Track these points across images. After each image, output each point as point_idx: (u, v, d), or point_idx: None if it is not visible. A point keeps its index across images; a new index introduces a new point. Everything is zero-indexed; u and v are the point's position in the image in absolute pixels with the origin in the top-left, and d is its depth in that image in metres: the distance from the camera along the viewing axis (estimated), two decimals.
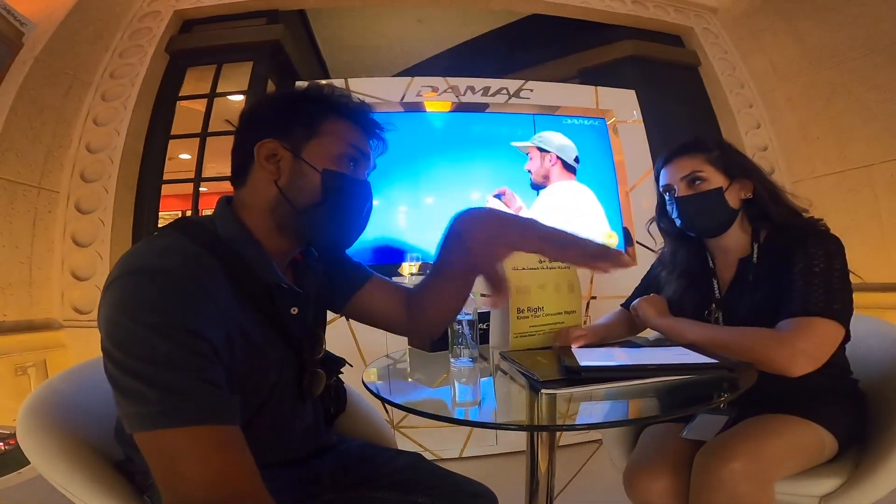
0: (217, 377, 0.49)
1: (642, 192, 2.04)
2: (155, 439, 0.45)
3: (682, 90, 3.18)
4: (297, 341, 0.64)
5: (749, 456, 0.72)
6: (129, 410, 0.45)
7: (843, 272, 0.80)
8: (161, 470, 0.45)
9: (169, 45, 2.73)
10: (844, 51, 2.84)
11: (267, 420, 0.60)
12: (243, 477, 0.46)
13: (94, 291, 2.30)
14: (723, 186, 0.88)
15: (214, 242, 0.56)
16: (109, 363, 0.47)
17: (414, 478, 0.77)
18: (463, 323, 0.87)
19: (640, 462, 0.89)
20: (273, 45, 2.82)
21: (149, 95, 2.67)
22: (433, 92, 1.96)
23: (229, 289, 0.54)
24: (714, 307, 0.94)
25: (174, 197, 3.20)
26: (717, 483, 0.71)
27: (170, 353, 0.46)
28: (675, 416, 0.69)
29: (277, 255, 0.63)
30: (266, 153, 0.60)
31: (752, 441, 0.76)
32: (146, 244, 0.54)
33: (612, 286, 1.82)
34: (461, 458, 1.80)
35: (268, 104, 0.64)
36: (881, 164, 2.76)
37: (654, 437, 0.94)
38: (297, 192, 0.60)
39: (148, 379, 0.45)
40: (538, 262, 0.99)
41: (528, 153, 1.96)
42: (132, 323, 0.46)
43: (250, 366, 0.56)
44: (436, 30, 3.72)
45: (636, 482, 0.86)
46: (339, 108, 0.64)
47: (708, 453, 0.77)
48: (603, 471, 1.60)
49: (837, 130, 2.91)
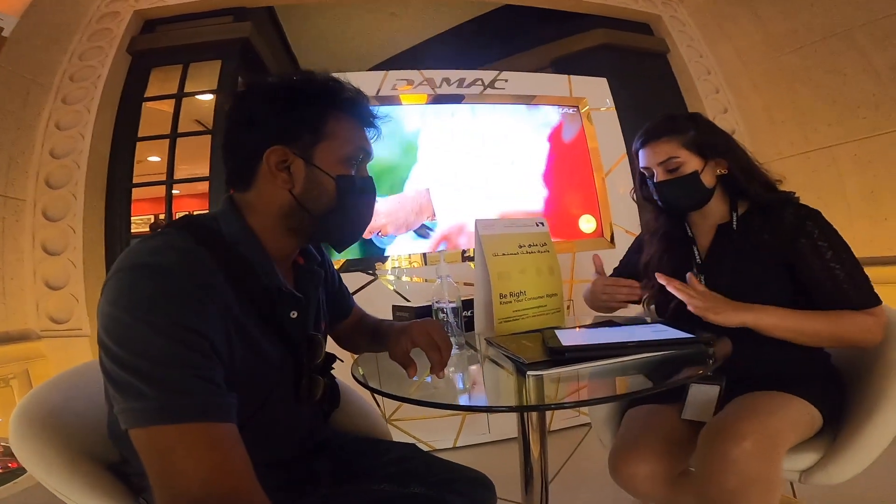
0: (215, 375, 0.48)
1: (617, 176, 2.09)
2: (150, 436, 0.45)
3: (652, 77, 3.25)
4: (296, 345, 0.64)
5: (758, 434, 0.73)
6: (125, 406, 0.45)
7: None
8: (155, 467, 0.45)
9: (130, 45, 2.66)
10: (804, 36, 2.94)
11: (264, 421, 0.60)
12: (238, 474, 0.46)
13: (69, 300, 2.24)
14: (698, 170, 0.93)
15: (218, 242, 0.56)
16: (106, 358, 0.47)
17: (409, 469, 0.78)
18: (447, 311, 0.88)
19: (625, 446, 0.89)
20: (242, 43, 2.76)
21: (112, 97, 2.59)
22: (408, 85, 1.96)
23: (230, 289, 0.54)
24: (696, 271, 0.98)
25: (146, 201, 3.11)
26: (730, 462, 0.71)
27: (167, 349, 0.45)
28: (663, 388, 0.70)
29: (280, 259, 0.64)
30: (276, 161, 0.59)
31: (757, 419, 0.76)
32: (148, 241, 0.54)
33: (590, 271, 1.88)
34: (455, 447, 1.82)
35: (267, 104, 0.61)
36: (843, 145, 2.88)
37: (637, 420, 0.95)
38: (314, 201, 0.61)
39: (144, 375, 0.45)
40: (517, 248, 1.01)
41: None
42: (130, 318, 0.46)
43: (249, 366, 0.56)
44: (409, 23, 3.70)
45: (621, 466, 0.87)
46: (341, 105, 0.63)
47: (712, 434, 0.77)
48: (596, 453, 1.64)
49: (800, 113, 3.02)
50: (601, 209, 2.05)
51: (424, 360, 0.71)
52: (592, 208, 2.06)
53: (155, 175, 2.86)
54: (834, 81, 2.88)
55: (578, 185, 2.07)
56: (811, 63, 2.94)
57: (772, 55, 3.10)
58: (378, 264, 1.84)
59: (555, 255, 1.06)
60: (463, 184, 1.94)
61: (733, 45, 3.26)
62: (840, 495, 1.19)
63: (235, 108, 0.63)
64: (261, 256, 0.59)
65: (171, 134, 2.77)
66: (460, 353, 0.90)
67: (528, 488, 0.85)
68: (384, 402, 1.72)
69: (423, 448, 1.76)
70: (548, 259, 1.05)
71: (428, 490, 0.75)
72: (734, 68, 3.28)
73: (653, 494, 0.87)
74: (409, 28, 3.75)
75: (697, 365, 0.72)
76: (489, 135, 1.99)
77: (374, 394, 0.73)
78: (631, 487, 0.88)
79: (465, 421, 1.83)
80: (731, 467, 0.71)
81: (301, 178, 0.60)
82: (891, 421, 0.83)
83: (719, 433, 0.76)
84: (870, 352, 0.89)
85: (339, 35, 3.73)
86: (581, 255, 1.96)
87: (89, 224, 2.38)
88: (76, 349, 2.23)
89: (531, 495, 0.85)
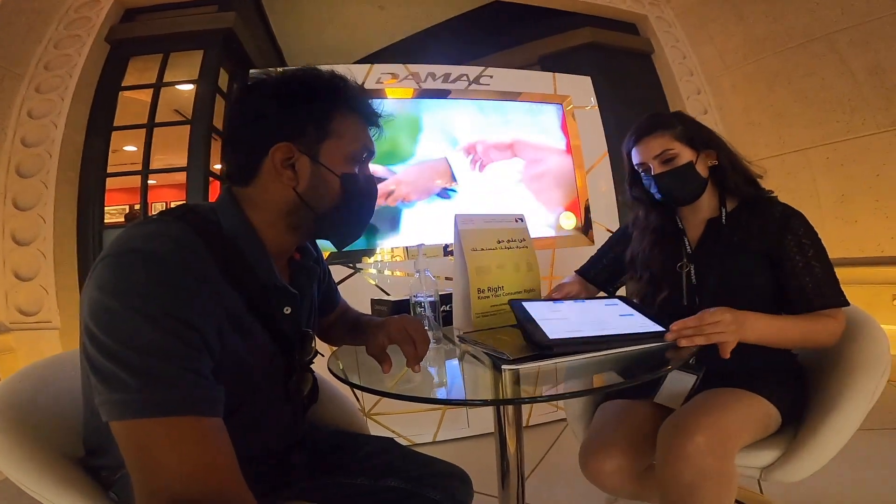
0: (203, 368, 0.47)
1: (598, 174, 2.11)
2: (132, 428, 0.43)
3: (636, 77, 3.29)
4: (288, 341, 0.64)
5: (710, 429, 0.75)
6: (107, 398, 0.44)
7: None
8: (137, 461, 0.43)
9: (109, 34, 2.61)
10: (785, 39, 3.00)
11: (248, 415, 0.59)
12: (223, 470, 0.45)
13: (38, 292, 2.18)
14: (692, 160, 0.95)
15: (216, 234, 0.56)
16: (90, 346, 0.45)
17: (386, 462, 0.78)
18: (425, 304, 0.88)
19: (593, 442, 0.91)
20: (226, 33, 2.72)
21: (88, 86, 2.54)
22: (394, 79, 1.94)
23: (224, 282, 0.53)
24: (685, 261, 1.00)
25: (120, 191, 3.03)
26: (684, 457, 0.73)
27: (155, 339, 0.44)
28: (634, 383, 0.71)
29: (277, 254, 0.63)
30: (282, 157, 0.59)
31: (712, 415, 0.78)
32: (141, 226, 0.52)
33: (569, 267, 1.92)
34: (434, 442, 1.83)
35: (273, 99, 0.60)
36: (817, 148, 2.96)
37: (607, 416, 0.97)
38: (318, 199, 0.61)
39: (130, 365, 0.43)
40: (496, 243, 1.01)
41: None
42: (119, 305, 0.44)
43: (239, 360, 0.55)
44: (397, 17, 3.67)
45: (590, 462, 0.88)
46: (347, 102, 0.63)
47: (670, 429, 0.79)
48: (574, 448, 1.65)
49: (777, 116, 3.10)
50: (582, 205, 2.07)
51: (402, 355, 0.71)
52: (573, 205, 2.08)
53: (130, 165, 2.80)
54: (811, 84, 2.95)
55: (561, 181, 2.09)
56: (790, 66, 3.01)
57: (753, 57, 3.16)
58: (364, 258, 1.83)
59: (533, 251, 1.07)
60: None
61: (716, 46, 3.32)
62: (809, 489, 1.23)
63: (241, 102, 0.62)
64: (258, 251, 0.59)
65: (149, 123, 2.71)
66: (437, 347, 0.90)
67: (505, 483, 0.85)
68: (363, 397, 1.72)
69: (403, 442, 1.77)
70: (526, 255, 1.05)
71: (405, 484, 0.75)
72: (716, 70, 3.33)
73: (620, 489, 0.89)
74: (396, 22, 3.72)
75: (678, 356, 0.74)
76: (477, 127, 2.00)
77: (353, 388, 0.73)
78: (599, 482, 0.89)
79: (445, 416, 1.83)
80: (686, 461, 0.73)
81: (306, 175, 0.60)
82: (849, 420, 0.85)
83: (675, 428, 0.78)
84: (831, 352, 0.92)
85: (325, 27, 3.69)
86: (560, 251, 1.98)
87: (61, 214, 2.33)
88: (46, 342, 2.18)
89: (507, 490, 0.85)
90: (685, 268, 0.99)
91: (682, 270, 0.99)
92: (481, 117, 2.02)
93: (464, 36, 3.64)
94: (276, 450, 0.70)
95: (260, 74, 0.62)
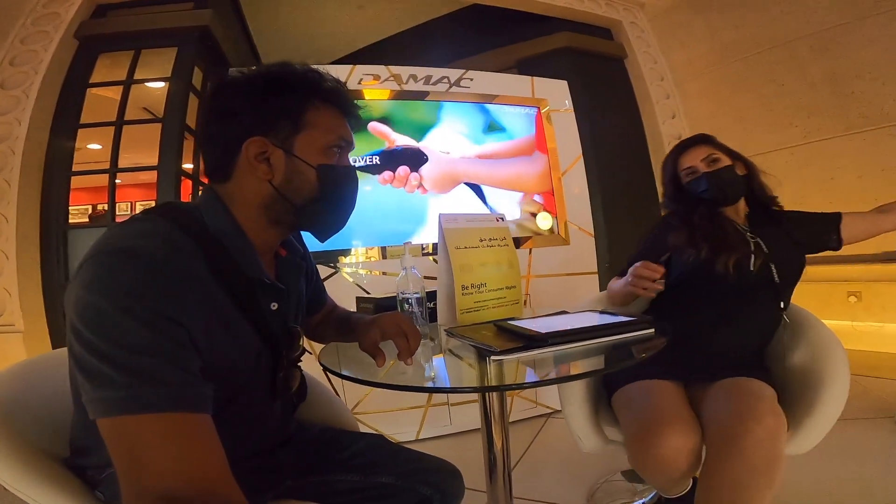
0: (191, 365, 0.47)
1: (572, 177, 2.17)
2: (120, 425, 0.43)
3: (610, 81, 3.38)
4: (275, 337, 0.64)
5: (772, 414, 0.80)
6: (94, 395, 0.43)
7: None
8: (124, 458, 0.43)
9: (79, 30, 2.53)
10: (749, 46, 3.14)
11: (236, 413, 0.59)
12: (212, 467, 0.45)
13: (0, 294, 2.08)
14: (731, 164, 1.09)
15: (201, 232, 0.55)
16: (77, 345, 0.45)
17: (376, 459, 0.78)
18: (412, 300, 0.91)
19: (653, 421, 0.87)
20: (201, 31, 2.67)
21: (54, 83, 2.46)
22: (375, 80, 1.95)
23: (211, 279, 0.53)
24: (750, 233, 1.08)
25: (83, 190, 2.91)
26: (755, 442, 0.76)
27: (143, 337, 0.44)
28: (617, 368, 0.75)
29: (262, 249, 0.63)
30: (255, 152, 0.59)
31: (764, 401, 0.83)
32: (127, 225, 0.52)
33: (545, 267, 2.03)
34: (417, 440, 1.84)
35: (244, 95, 0.60)
36: (777, 152, 3.12)
37: (648, 396, 0.94)
38: (295, 191, 0.61)
39: (117, 362, 0.43)
40: (478, 241, 1.04)
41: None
42: (106, 304, 0.44)
43: (226, 357, 0.55)
44: (377, 17, 3.66)
45: (659, 441, 0.84)
46: (321, 94, 0.63)
47: (732, 417, 0.81)
48: (555, 442, 1.72)
49: (741, 121, 3.24)
50: (557, 207, 2.13)
51: (392, 351, 0.73)
52: (549, 206, 2.13)
53: (94, 164, 2.70)
54: (773, 90, 3.09)
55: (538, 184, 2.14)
56: (754, 72, 3.15)
57: (719, 63, 3.29)
58: (340, 258, 1.84)
59: (514, 249, 1.11)
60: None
61: (686, 52, 3.44)
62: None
63: (214, 98, 0.62)
64: (244, 247, 0.59)
65: (118, 121, 2.63)
66: (425, 342, 0.92)
67: (493, 477, 0.90)
68: (345, 396, 1.72)
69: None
70: (507, 253, 1.09)
71: (396, 480, 0.76)
72: (684, 75, 3.46)
73: (687, 469, 0.86)
74: (375, 22, 3.71)
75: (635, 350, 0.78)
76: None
77: (338, 379, 0.74)
78: (669, 461, 0.85)
79: (428, 413, 1.86)
80: (758, 446, 0.76)
81: (281, 168, 0.60)
82: (838, 397, 0.93)
83: (739, 416, 0.80)
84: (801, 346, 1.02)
85: (303, 26, 3.65)
86: (537, 251, 2.03)
87: (24, 213, 2.25)
88: (9, 346, 2.10)
89: (495, 483, 0.89)
90: (753, 238, 1.06)
91: (752, 240, 1.06)
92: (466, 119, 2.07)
93: (443, 38, 3.66)
94: (265, 448, 0.70)
95: (236, 73, 0.63)
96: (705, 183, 1.08)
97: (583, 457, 1.52)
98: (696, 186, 1.10)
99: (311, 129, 0.61)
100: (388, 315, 0.77)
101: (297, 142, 0.60)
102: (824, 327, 1.02)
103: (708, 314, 1.02)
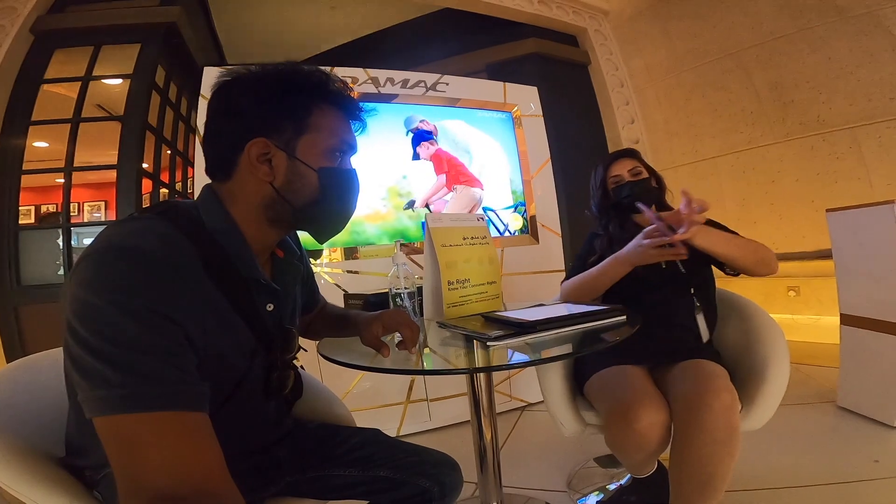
0: (187, 364, 0.47)
1: (540, 180, 2.26)
2: (116, 424, 0.43)
3: (575, 86, 3.52)
4: (270, 337, 0.63)
5: (727, 390, 0.90)
6: (90, 394, 0.43)
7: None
8: (120, 457, 0.43)
9: (36, 25, 2.41)
10: (702, 55, 3.34)
11: (231, 412, 0.59)
12: (209, 465, 0.44)
13: None
14: (649, 177, 1.29)
15: (198, 231, 0.55)
16: (73, 343, 0.44)
17: (373, 453, 0.79)
18: (403, 295, 0.95)
19: (630, 400, 0.96)
20: (167, 28, 2.59)
21: (7, 79, 2.34)
22: (353, 82, 1.97)
23: (207, 278, 0.53)
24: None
25: (26, 190, 2.62)
26: (713, 416, 0.87)
27: (139, 335, 0.44)
28: (603, 347, 0.82)
29: (259, 250, 0.63)
30: (258, 153, 0.58)
31: (718, 377, 0.94)
32: (124, 223, 0.52)
33: (516, 265, 2.12)
34: (399, 436, 1.86)
35: (251, 94, 0.59)
36: (724, 157, 3.36)
37: (620, 379, 1.03)
38: (295, 193, 0.60)
39: (113, 361, 0.43)
40: (462, 240, 1.10)
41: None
42: (102, 302, 0.44)
43: (221, 356, 0.55)
44: (348, 18, 3.66)
45: (639, 417, 0.92)
46: (326, 97, 0.62)
47: (691, 395, 0.91)
48: (531, 434, 1.80)
49: (692, 126, 3.47)
50: (528, 208, 2.22)
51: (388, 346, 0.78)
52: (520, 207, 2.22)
53: (40, 162, 2.55)
54: (721, 98, 3.32)
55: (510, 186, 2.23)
56: (705, 80, 3.36)
57: (674, 71, 3.49)
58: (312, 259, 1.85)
59: (493, 247, 1.18)
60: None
61: (645, 60, 3.62)
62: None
63: (219, 96, 0.61)
64: (240, 246, 0.59)
65: (74, 118, 2.52)
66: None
67: (483, 466, 0.98)
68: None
69: None
70: (488, 250, 1.16)
71: (395, 473, 0.76)
72: (642, 82, 3.65)
73: (662, 442, 0.95)
74: (346, 23, 3.71)
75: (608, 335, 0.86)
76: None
77: (328, 361, 0.77)
78: (647, 436, 0.93)
79: (407, 410, 1.89)
80: (717, 420, 0.87)
81: (282, 170, 0.59)
82: (782, 375, 1.04)
83: (697, 394, 0.91)
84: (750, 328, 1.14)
85: (272, 25, 3.60)
86: (508, 249, 2.12)
87: None
88: None
89: (486, 473, 0.98)
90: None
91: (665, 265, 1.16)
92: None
93: (414, 40, 3.70)
94: (261, 445, 0.71)
95: (239, 69, 0.61)
96: (628, 189, 1.25)
97: (558, 446, 1.61)
98: (619, 192, 1.27)
99: (314, 132, 0.61)
100: (388, 312, 0.82)
101: (299, 144, 0.60)
102: (765, 314, 1.14)
103: (641, 309, 1.07)
